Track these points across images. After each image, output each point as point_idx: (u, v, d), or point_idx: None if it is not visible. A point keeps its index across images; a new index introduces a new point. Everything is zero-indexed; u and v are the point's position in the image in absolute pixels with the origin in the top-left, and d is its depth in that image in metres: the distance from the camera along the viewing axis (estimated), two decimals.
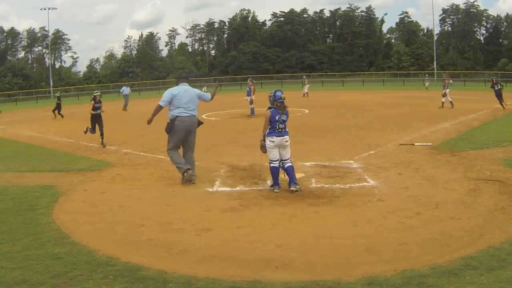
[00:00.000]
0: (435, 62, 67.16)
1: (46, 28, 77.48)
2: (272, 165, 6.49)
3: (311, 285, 3.47)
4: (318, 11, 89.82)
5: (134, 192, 6.70)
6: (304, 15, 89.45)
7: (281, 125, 6.48)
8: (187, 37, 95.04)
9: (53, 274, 3.76)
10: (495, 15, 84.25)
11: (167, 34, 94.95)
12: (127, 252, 4.29)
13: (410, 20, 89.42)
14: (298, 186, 6.37)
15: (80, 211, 5.79)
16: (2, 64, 74.62)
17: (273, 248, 4.32)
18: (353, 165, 8.06)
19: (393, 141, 10.66)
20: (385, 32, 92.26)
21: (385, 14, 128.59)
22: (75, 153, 10.73)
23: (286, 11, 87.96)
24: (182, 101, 7.16)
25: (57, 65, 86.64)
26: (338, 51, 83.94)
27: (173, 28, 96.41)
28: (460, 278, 3.48)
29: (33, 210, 5.78)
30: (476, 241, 4.28)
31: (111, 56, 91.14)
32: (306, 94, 31.65)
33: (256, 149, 7.25)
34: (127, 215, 5.57)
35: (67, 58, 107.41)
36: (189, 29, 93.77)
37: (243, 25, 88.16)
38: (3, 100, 54.77)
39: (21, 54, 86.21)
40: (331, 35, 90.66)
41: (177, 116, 7.14)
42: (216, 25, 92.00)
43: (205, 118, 17.30)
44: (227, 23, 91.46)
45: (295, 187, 6.32)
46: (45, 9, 77.52)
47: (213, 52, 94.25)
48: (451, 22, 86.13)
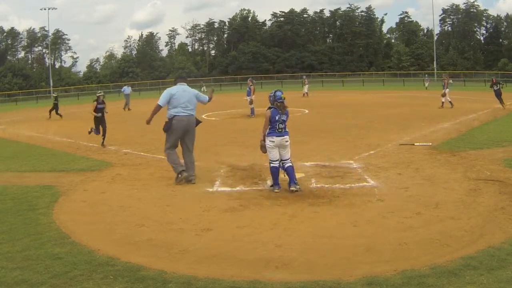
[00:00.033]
0: (435, 62, 67.20)
1: (46, 28, 77.80)
2: (272, 165, 6.49)
3: (311, 285, 3.47)
4: (318, 11, 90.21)
5: (134, 192, 6.70)
6: (304, 15, 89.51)
7: (281, 125, 6.48)
8: (187, 37, 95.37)
9: (53, 274, 3.76)
10: (495, 15, 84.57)
11: (167, 34, 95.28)
12: (127, 252, 4.28)
13: (410, 20, 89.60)
14: (298, 186, 6.38)
15: (80, 211, 5.79)
16: (2, 64, 74.65)
17: (273, 248, 4.31)
18: (353, 165, 8.06)
19: (393, 141, 10.66)
20: (385, 32, 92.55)
21: (385, 14, 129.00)
22: (75, 153, 10.73)
23: (286, 11, 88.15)
24: (180, 101, 7.20)
25: (57, 65, 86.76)
26: (338, 51, 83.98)
27: (173, 28, 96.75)
28: (460, 278, 3.48)
29: (33, 210, 5.78)
30: (476, 241, 4.28)
31: (111, 56, 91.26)
32: (306, 94, 31.68)
33: (256, 149, 7.25)
34: (127, 215, 5.57)
35: (67, 58, 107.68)
36: (189, 29, 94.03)
37: (243, 25, 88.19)
38: (3, 100, 54.86)
39: (21, 54, 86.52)
40: (331, 35, 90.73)
41: (175, 116, 7.18)
42: (216, 25, 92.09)
43: (205, 118, 17.29)
44: (227, 23, 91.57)
45: (295, 187, 6.32)
46: (45, 9, 77.82)
47: (213, 52, 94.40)
48: (451, 22, 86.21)
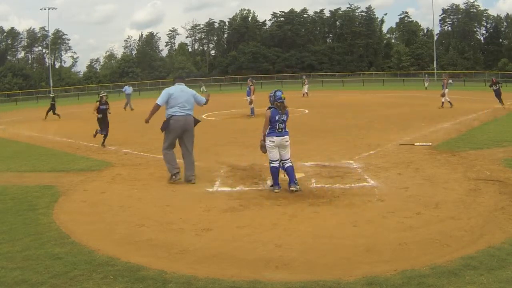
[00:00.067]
0: (435, 62, 67.23)
1: (46, 28, 77.82)
2: (272, 165, 6.49)
3: (311, 285, 3.47)
4: (318, 11, 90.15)
5: (134, 192, 6.70)
6: (304, 15, 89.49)
7: (281, 125, 6.48)
8: (187, 37, 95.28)
9: (53, 274, 3.76)
10: (495, 15, 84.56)
11: (167, 34, 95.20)
12: (127, 252, 4.29)
13: (410, 20, 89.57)
14: (298, 186, 6.38)
15: (80, 211, 5.79)
16: (2, 64, 74.65)
17: (273, 248, 4.32)
18: (353, 165, 8.06)
19: (393, 141, 10.66)
20: (385, 32, 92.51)
21: (385, 14, 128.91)
22: (75, 153, 10.73)
23: (286, 11, 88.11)
24: (178, 101, 7.25)
25: (57, 65, 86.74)
26: (338, 51, 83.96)
27: (173, 28, 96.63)
28: (460, 278, 3.48)
29: (33, 210, 5.78)
30: (476, 241, 4.28)
31: (111, 56, 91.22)
32: (306, 94, 31.67)
33: (256, 149, 7.25)
34: (127, 215, 5.57)
35: (67, 58, 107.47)
36: (189, 29, 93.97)
37: (243, 25, 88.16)
38: (3, 100, 54.85)
39: (21, 54, 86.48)
40: (331, 35, 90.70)
41: (172, 115, 7.24)
42: (216, 25, 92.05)
43: (205, 118, 17.31)
44: (227, 23, 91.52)
45: (295, 187, 6.32)
46: (45, 9, 77.89)
47: (213, 52, 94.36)
48: (451, 22, 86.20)
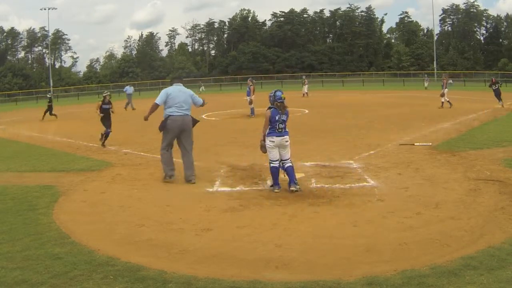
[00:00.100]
0: (435, 62, 67.19)
1: (46, 28, 77.76)
2: (272, 165, 6.49)
3: (311, 285, 3.47)
4: (318, 11, 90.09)
5: (134, 192, 6.70)
6: (304, 15, 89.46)
7: (281, 125, 6.48)
8: (187, 37, 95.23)
9: (53, 274, 3.76)
10: (495, 15, 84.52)
11: (167, 34, 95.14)
12: (127, 252, 4.29)
13: (410, 20, 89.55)
14: (298, 186, 6.38)
15: (80, 211, 5.79)
16: (2, 64, 74.64)
17: (273, 248, 4.32)
18: (353, 165, 8.06)
19: (393, 141, 10.65)
20: (385, 32, 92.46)
21: (385, 14, 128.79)
22: (75, 153, 10.73)
23: (286, 11, 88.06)
24: (176, 101, 7.28)
25: (57, 65, 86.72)
26: (338, 51, 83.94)
27: (173, 28, 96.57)
28: (460, 278, 3.48)
29: (33, 210, 5.78)
30: (476, 241, 4.28)
31: (111, 56, 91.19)
32: (306, 94, 31.67)
33: (256, 149, 7.25)
34: (127, 215, 5.57)
35: (67, 58, 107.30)
36: (189, 29, 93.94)
37: (243, 25, 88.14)
38: (3, 100, 54.85)
39: (21, 54, 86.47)
40: (331, 35, 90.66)
41: (170, 115, 7.27)
42: (216, 25, 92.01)
43: (205, 118, 17.32)
44: (227, 23, 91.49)
45: (295, 187, 6.32)
46: (45, 9, 77.76)
47: (213, 52, 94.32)
48: (451, 22, 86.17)
